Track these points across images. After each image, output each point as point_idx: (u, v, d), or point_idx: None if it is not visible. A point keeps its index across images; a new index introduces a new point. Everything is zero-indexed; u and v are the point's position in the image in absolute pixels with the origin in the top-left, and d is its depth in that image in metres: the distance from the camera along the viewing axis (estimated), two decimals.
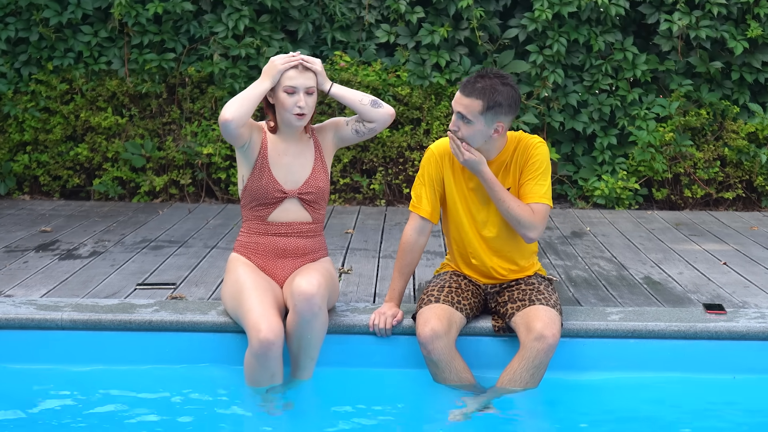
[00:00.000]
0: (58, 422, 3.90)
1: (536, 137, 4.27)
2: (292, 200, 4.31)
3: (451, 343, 4.11)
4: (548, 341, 4.02)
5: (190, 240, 6.46)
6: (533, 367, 4.02)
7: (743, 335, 4.42)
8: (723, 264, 5.95)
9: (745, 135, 8.13)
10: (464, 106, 4.07)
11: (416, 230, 4.31)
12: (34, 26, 8.02)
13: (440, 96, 8.12)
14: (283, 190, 4.28)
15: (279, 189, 4.27)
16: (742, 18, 8.22)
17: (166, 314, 4.47)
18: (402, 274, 4.35)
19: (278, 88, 4.19)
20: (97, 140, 8.11)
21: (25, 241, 6.30)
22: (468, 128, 4.09)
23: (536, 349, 4.02)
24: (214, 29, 7.98)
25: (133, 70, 8.08)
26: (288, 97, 4.18)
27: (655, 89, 8.28)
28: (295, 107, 4.18)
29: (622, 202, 8.09)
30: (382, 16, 8.30)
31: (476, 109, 4.05)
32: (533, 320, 4.08)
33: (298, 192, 4.30)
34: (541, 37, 8.12)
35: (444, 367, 4.09)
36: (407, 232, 4.33)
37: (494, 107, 4.05)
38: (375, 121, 4.33)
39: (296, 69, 4.18)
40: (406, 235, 4.33)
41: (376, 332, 4.34)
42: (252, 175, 4.28)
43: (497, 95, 4.04)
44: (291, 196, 4.30)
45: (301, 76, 4.18)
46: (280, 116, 4.26)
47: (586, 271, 5.71)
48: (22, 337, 4.39)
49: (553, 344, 4.03)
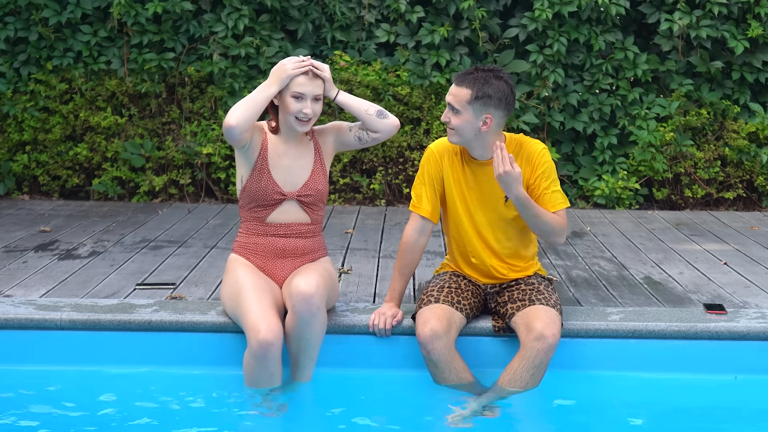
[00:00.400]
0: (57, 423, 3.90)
1: (538, 143, 4.25)
2: (291, 202, 4.31)
3: (451, 343, 4.11)
4: (548, 341, 4.02)
5: (189, 240, 6.47)
6: (533, 367, 4.02)
7: (744, 335, 4.42)
8: (723, 264, 5.96)
9: (745, 135, 8.14)
10: (453, 95, 4.10)
11: (417, 230, 4.31)
12: (34, 26, 8.03)
13: (440, 96, 8.12)
14: (282, 192, 4.28)
15: (278, 191, 4.27)
16: (742, 17, 8.22)
17: (165, 314, 4.47)
18: (402, 275, 4.35)
19: (285, 92, 4.18)
20: (97, 140, 8.11)
21: (25, 241, 6.31)
22: (456, 118, 4.10)
23: (536, 349, 4.02)
24: (214, 29, 7.98)
25: (132, 70, 8.08)
26: (295, 102, 4.17)
27: (655, 89, 8.28)
28: (301, 113, 4.18)
29: (623, 202, 8.09)
30: (382, 16, 8.30)
31: (464, 98, 4.07)
32: (533, 320, 4.08)
33: (297, 194, 4.30)
34: (541, 37, 8.12)
35: (444, 367, 4.09)
36: (408, 232, 4.32)
37: (482, 98, 4.05)
38: (379, 131, 4.33)
39: (306, 75, 4.17)
40: (406, 235, 4.33)
41: (375, 332, 4.34)
42: (251, 176, 4.28)
43: (487, 87, 4.05)
44: (290, 198, 4.29)
45: (310, 83, 4.17)
46: (283, 118, 4.25)
47: (586, 271, 5.71)
48: (21, 338, 4.39)
49: (553, 344, 4.03)
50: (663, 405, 4.19)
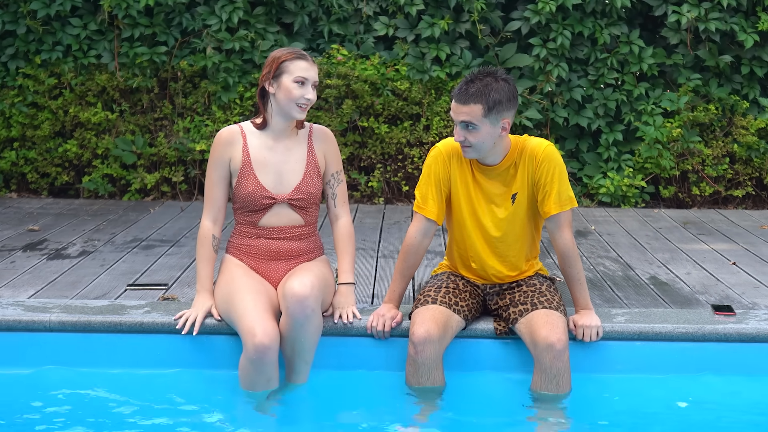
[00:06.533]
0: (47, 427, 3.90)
1: (542, 141, 4.24)
2: (282, 205, 4.31)
3: (441, 350, 4.13)
4: (556, 348, 4.02)
5: (182, 239, 6.47)
6: (554, 377, 4.03)
7: (753, 337, 4.42)
8: (732, 264, 5.96)
9: (755, 131, 8.14)
10: (465, 113, 4.06)
11: (421, 232, 4.30)
12: (22, 19, 8.03)
13: (440, 91, 8.13)
14: (272, 196, 4.27)
15: (267, 195, 4.27)
16: (752, 10, 8.23)
17: (157, 316, 4.47)
18: (403, 276, 4.35)
19: (287, 78, 4.19)
20: (87, 136, 8.11)
21: (12, 241, 6.31)
22: (475, 135, 4.08)
23: (548, 360, 4.03)
24: (207, 22, 7.99)
25: (123, 64, 8.08)
26: (298, 87, 4.19)
27: (662, 84, 8.29)
28: (303, 98, 4.20)
29: (628, 200, 8.10)
30: (380, 8, 8.30)
31: (479, 114, 4.04)
32: (537, 328, 4.10)
33: (288, 197, 4.29)
34: (544, 30, 8.12)
35: (424, 372, 4.09)
36: (411, 233, 4.31)
37: (495, 106, 4.04)
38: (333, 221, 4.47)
39: (307, 61, 4.21)
40: (410, 236, 4.32)
41: (374, 335, 4.34)
42: (237, 183, 4.28)
43: (494, 93, 4.03)
44: (280, 201, 4.29)
45: (312, 68, 4.22)
46: (279, 108, 4.25)
47: (591, 272, 5.71)
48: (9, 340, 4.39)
49: (562, 349, 4.03)
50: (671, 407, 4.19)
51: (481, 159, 4.21)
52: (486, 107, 4.03)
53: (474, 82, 4.06)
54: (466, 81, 4.08)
